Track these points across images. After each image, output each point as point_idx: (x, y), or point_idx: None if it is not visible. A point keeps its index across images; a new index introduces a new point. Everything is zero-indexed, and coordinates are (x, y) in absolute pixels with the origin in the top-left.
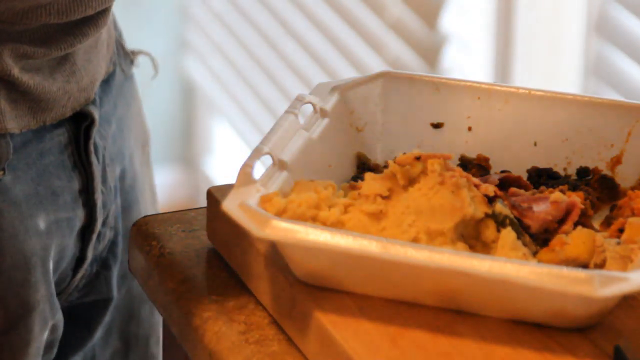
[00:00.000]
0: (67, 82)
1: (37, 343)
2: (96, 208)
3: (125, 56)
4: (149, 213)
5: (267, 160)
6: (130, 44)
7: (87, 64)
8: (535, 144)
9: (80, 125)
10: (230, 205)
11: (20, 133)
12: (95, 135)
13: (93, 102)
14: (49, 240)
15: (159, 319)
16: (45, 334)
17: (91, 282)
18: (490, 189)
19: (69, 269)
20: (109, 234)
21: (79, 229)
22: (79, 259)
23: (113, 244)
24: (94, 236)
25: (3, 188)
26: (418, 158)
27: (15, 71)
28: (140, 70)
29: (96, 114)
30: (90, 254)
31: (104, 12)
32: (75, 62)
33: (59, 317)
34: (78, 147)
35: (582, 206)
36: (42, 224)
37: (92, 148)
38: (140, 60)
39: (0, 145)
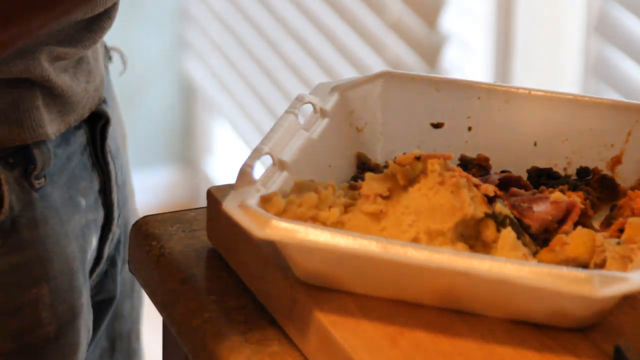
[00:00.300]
0: (87, 82)
1: (83, 347)
2: (113, 207)
3: (106, 53)
4: (133, 209)
5: (267, 160)
6: (129, 43)
7: (95, 62)
8: (535, 144)
9: (95, 125)
10: (230, 205)
11: (54, 138)
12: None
13: (104, 101)
14: (84, 243)
15: (138, 314)
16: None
17: (101, 282)
18: (490, 189)
19: (88, 270)
20: (117, 232)
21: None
22: (96, 259)
23: (118, 241)
24: (111, 235)
25: (45, 195)
26: (418, 158)
27: (52, 75)
28: (140, 70)
29: (110, 112)
30: (105, 253)
31: (116, 4)
32: (89, 61)
33: (92, 318)
34: (94, 148)
35: (582, 206)
36: (77, 227)
37: (107, 147)
38: (140, 60)
39: (42, 152)
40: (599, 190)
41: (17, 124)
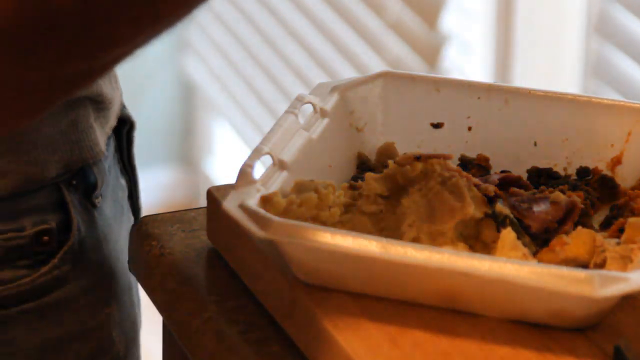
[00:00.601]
0: (117, 89)
1: None
2: (140, 212)
3: None
4: None
5: (267, 160)
6: None
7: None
8: (535, 144)
9: (119, 131)
10: (230, 205)
11: (106, 153)
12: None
13: (124, 105)
14: None
15: None
16: None
17: None
18: (490, 189)
19: None
20: None
21: None
22: None
23: None
24: None
25: (101, 212)
26: (418, 158)
27: (103, 87)
28: (140, 70)
29: (132, 117)
30: None
31: None
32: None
33: None
34: (121, 154)
35: (582, 206)
36: (124, 240)
37: (134, 152)
38: (140, 60)
39: (100, 169)
40: (599, 190)
41: (77, 144)
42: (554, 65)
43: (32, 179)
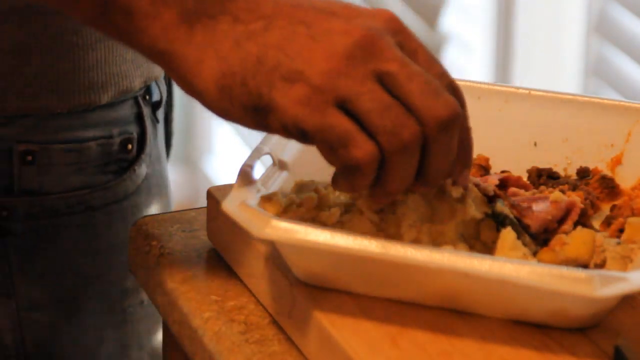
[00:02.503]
0: None
1: None
2: (170, 149)
3: None
4: None
5: (267, 160)
6: None
7: None
8: (535, 144)
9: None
10: (230, 205)
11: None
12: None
13: None
14: (165, 196)
15: None
16: None
17: None
18: (490, 189)
19: None
20: None
21: None
22: None
23: None
24: None
25: (160, 132)
26: None
27: None
28: None
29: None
30: None
31: None
32: None
33: None
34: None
35: (582, 206)
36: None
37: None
38: None
39: (162, 89)
40: (599, 190)
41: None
42: (554, 65)
43: (123, 91)
